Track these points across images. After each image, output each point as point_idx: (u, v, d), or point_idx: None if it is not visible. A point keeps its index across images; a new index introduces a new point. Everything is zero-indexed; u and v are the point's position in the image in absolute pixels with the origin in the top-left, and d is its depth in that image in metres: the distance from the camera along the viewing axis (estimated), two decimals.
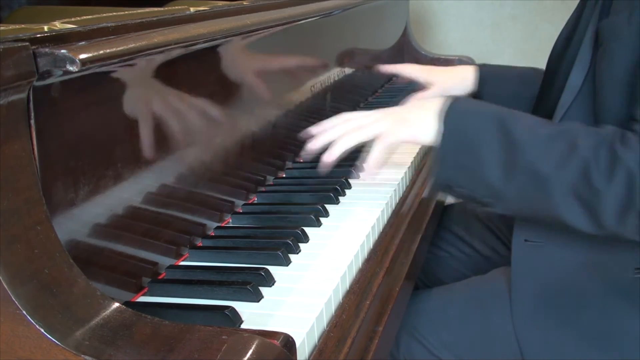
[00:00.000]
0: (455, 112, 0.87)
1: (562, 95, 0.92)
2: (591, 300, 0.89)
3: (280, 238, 0.81)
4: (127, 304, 0.64)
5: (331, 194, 0.95)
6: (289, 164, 1.11)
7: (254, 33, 0.93)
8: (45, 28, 0.60)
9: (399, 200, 1.01)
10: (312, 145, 0.93)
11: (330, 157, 0.91)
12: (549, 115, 0.96)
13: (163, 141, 0.75)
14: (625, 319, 0.88)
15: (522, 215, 0.90)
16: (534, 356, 0.90)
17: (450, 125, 0.86)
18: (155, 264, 0.74)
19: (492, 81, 1.24)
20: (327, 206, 0.92)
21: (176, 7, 0.84)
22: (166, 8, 0.87)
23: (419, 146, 1.18)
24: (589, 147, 0.79)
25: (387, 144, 0.91)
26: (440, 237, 1.27)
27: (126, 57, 0.64)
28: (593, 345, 0.88)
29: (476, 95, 1.25)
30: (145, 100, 0.72)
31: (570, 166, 0.79)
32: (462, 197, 0.90)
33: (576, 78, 0.91)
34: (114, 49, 0.61)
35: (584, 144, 0.79)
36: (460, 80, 1.26)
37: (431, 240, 1.21)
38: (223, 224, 0.89)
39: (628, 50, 0.83)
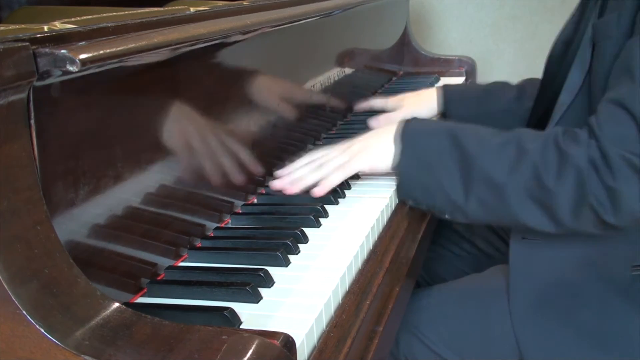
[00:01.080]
0: (409, 133, 0.92)
1: (561, 95, 0.93)
2: (588, 297, 0.90)
3: (280, 239, 0.81)
4: (126, 305, 0.64)
5: (330, 195, 0.95)
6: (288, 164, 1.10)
7: (254, 33, 0.93)
8: (45, 28, 0.60)
9: (399, 201, 1.01)
10: (279, 186, 0.97)
11: (292, 191, 0.95)
12: (548, 115, 0.97)
13: (163, 141, 0.75)
14: (622, 316, 0.89)
15: (483, 223, 0.93)
16: (532, 354, 0.91)
17: (406, 146, 0.90)
18: (154, 264, 0.74)
19: (454, 102, 1.28)
20: (327, 207, 0.92)
21: (176, 7, 0.84)
22: (166, 8, 0.87)
23: None
24: (536, 150, 0.82)
25: (345, 174, 0.95)
26: (442, 235, 1.27)
27: (126, 57, 0.64)
28: (591, 343, 0.89)
29: (444, 115, 1.29)
30: (145, 101, 0.72)
31: (521, 170, 0.82)
32: (424, 210, 0.94)
33: (575, 78, 0.92)
34: (114, 49, 0.60)
35: (531, 147, 0.82)
36: (427, 103, 1.30)
37: (433, 239, 1.22)
38: (222, 225, 0.89)
39: (617, 49, 0.84)
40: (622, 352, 0.88)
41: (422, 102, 1.31)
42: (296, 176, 0.96)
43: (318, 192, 0.93)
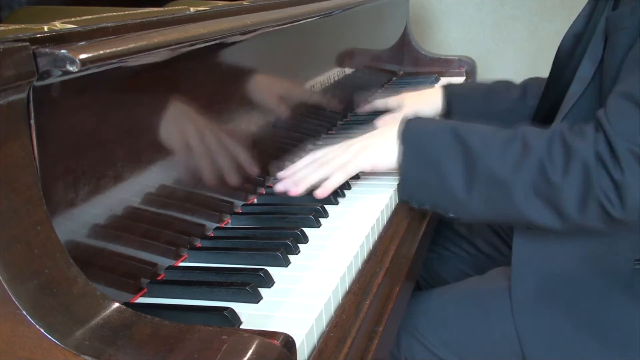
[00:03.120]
0: (412, 131, 0.91)
1: (572, 86, 0.93)
2: (590, 290, 0.90)
3: (280, 239, 0.81)
4: (126, 305, 0.64)
5: (330, 195, 0.95)
6: (289, 165, 1.10)
7: (254, 33, 0.93)
8: (45, 28, 0.60)
9: (400, 201, 1.01)
10: (282, 188, 0.95)
11: (296, 192, 0.94)
12: (555, 109, 0.97)
13: (163, 141, 0.75)
14: (623, 310, 0.89)
15: (487, 222, 0.93)
16: (532, 345, 0.91)
17: (409, 143, 0.90)
18: (154, 264, 0.74)
19: (458, 101, 1.28)
20: (327, 207, 0.92)
21: (176, 7, 0.84)
22: (166, 8, 0.87)
23: None
24: (541, 145, 0.81)
25: (347, 174, 0.95)
26: (442, 235, 1.27)
27: (126, 57, 0.64)
28: (591, 336, 0.89)
29: (447, 115, 1.28)
30: (145, 101, 0.72)
31: (527, 166, 0.81)
32: (427, 209, 0.93)
33: (586, 70, 0.93)
34: (114, 49, 0.60)
35: (536, 143, 0.82)
36: (430, 102, 1.30)
37: (433, 239, 1.22)
38: (222, 225, 0.89)
39: (630, 41, 0.84)
40: (622, 346, 0.88)
41: (426, 101, 1.31)
42: (299, 177, 0.96)
43: (321, 193, 0.93)
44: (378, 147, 0.94)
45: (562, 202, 0.80)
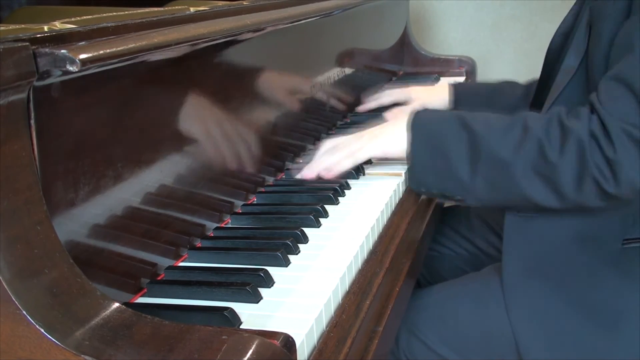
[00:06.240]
0: (421, 119, 0.96)
1: (557, 76, 0.96)
2: (579, 268, 0.93)
3: (280, 239, 0.81)
4: (126, 305, 0.64)
5: (331, 195, 0.95)
6: (289, 165, 1.11)
7: (254, 33, 0.93)
8: (45, 28, 0.60)
9: (399, 201, 1.01)
10: (305, 176, 1.02)
11: (308, 176, 1.02)
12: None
13: (163, 141, 0.75)
14: (611, 287, 0.91)
15: (493, 205, 0.98)
16: (524, 328, 0.92)
17: (417, 131, 0.95)
18: (154, 264, 0.74)
19: (465, 98, 1.32)
20: (327, 207, 0.92)
21: (176, 7, 0.84)
22: (166, 8, 0.87)
23: None
24: (540, 127, 0.86)
25: (357, 160, 1.01)
26: (442, 234, 1.28)
27: (126, 57, 0.64)
28: (581, 315, 0.91)
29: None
30: (145, 100, 0.72)
31: (527, 147, 0.85)
32: (435, 196, 0.99)
33: (571, 60, 0.96)
34: (114, 49, 0.60)
35: (535, 125, 0.86)
36: (440, 97, 1.34)
37: (434, 237, 1.22)
38: (222, 225, 0.89)
39: (614, 28, 0.87)
40: (611, 323, 0.90)
41: (435, 95, 1.35)
42: (315, 164, 1.01)
43: (327, 175, 0.99)
44: (388, 135, 0.99)
45: (559, 180, 0.83)
